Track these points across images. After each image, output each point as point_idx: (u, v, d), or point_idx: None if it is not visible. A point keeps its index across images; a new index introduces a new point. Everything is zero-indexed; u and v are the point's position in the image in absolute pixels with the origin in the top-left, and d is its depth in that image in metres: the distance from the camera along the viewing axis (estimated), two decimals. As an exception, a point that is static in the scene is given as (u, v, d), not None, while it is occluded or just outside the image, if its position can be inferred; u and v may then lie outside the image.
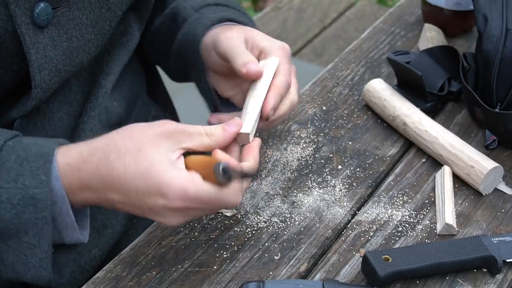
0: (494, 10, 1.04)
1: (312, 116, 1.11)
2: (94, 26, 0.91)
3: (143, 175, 0.74)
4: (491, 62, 1.01)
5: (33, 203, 0.74)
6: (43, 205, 0.74)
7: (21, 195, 0.74)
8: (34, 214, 0.74)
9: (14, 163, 0.75)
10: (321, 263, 0.86)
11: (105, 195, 0.77)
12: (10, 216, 0.74)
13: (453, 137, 1.00)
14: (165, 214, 0.76)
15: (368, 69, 1.22)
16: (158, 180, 0.74)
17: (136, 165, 0.75)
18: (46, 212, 0.75)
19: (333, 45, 2.64)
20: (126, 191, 0.75)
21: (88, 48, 0.92)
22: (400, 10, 1.39)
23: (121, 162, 0.75)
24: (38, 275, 0.77)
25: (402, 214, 0.93)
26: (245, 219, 0.92)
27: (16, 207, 0.74)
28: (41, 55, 0.83)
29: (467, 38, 1.29)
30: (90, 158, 0.77)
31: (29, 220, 0.74)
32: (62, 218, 0.78)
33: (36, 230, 0.75)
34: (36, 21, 0.82)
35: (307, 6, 2.86)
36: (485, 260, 0.84)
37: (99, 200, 0.78)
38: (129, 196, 0.76)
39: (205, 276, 0.84)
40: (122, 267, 0.85)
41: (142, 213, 0.78)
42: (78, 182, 0.77)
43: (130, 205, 0.77)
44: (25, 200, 0.74)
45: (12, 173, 0.75)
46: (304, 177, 0.99)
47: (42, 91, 0.86)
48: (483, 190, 0.96)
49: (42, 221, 0.75)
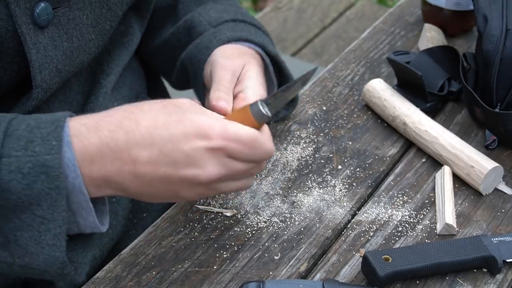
0: (494, 10, 1.04)
1: (312, 116, 1.11)
2: (94, 26, 0.91)
3: (178, 121, 0.72)
4: (491, 62, 1.01)
5: (45, 171, 0.70)
6: (56, 173, 0.70)
7: (32, 163, 0.70)
8: (47, 184, 0.70)
9: (24, 131, 0.71)
10: (321, 263, 0.86)
11: (128, 155, 0.71)
12: (21, 187, 0.70)
13: (453, 137, 1.00)
14: (205, 160, 0.72)
15: (368, 69, 1.22)
16: (197, 123, 0.72)
17: (167, 115, 0.72)
18: (59, 181, 0.70)
19: (333, 45, 2.64)
20: (159, 140, 0.71)
21: (89, 48, 0.92)
22: (400, 10, 1.39)
23: (148, 115, 0.72)
24: (52, 256, 0.72)
25: (402, 214, 0.93)
26: (245, 219, 0.92)
27: (27, 177, 0.70)
28: (42, 55, 0.83)
29: (467, 38, 1.29)
30: (109, 116, 0.73)
31: (42, 191, 0.70)
32: (74, 196, 0.73)
33: (50, 202, 0.70)
34: (37, 21, 0.82)
35: (307, 6, 2.86)
36: (485, 260, 0.84)
37: (117, 167, 0.72)
38: (161, 147, 0.71)
39: (205, 276, 0.84)
40: (122, 267, 0.85)
41: (174, 170, 0.72)
42: (95, 142, 0.71)
43: (161, 159, 0.71)
44: (36, 169, 0.70)
45: (22, 141, 0.71)
46: (304, 177, 0.99)
47: (43, 91, 0.86)
48: (483, 190, 0.96)
49: (55, 191, 0.70)
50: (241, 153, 0.74)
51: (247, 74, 0.93)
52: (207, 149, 0.72)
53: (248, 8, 3.39)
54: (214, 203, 0.94)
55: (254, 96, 0.89)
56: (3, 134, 0.71)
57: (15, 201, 0.71)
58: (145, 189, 0.74)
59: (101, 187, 0.74)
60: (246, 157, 0.75)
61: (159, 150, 0.71)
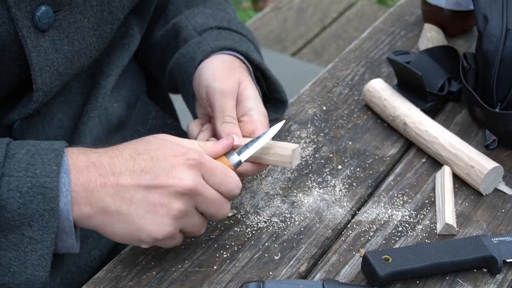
0: (494, 10, 1.04)
1: (312, 116, 1.11)
2: (95, 29, 0.90)
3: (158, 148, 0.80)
4: (491, 62, 1.01)
5: (43, 192, 0.73)
6: (52, 195, 0.73)
7: (31, 183, 0.73)
8: (42, 205, 0.73)
9: (25, 155, 0.74)
10: (321, 263, 0.86)
11: (112, 171, 0.77)
12: (17, 206, 0.73)
13: (453, 137, 1.00)
14: (183, 172, 0.78)
15: (368, 69, 1.22)
16: (176, 148, 0.81)
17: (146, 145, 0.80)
18: (54, 204, 0.73)
19: (333, 45, 2.64)
20: (140, 161, 0.78)
21: (90, 52, 0.91)
22: (400, 10, 1.39)
23: (129, 146, 0.80)
24: (34, 275, 0.75)
25: (402, 214, 0.93)
26: (245, 219, 0.92)
27: (24, 196, 0.73)
28: (43, 59, 0.83)
29: (467, 38, 1.29)
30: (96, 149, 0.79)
31: (36, 212, 0.73)
32: (61, 221, 0.76)
33: (41, 223, 0.74)
34: (37, 25, 0.82)
35: (307, 6, 2.86)
36: (485, 260, 0.84)
37: (101, 182, 0.76)
38: (143, 167, 0.78)
39: (205, 276, 0.84)
40: (122, 267, 0.85)
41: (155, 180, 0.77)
42: (82, 160, 0.77)
43: (143, 175, 0.77)
44: (34, 189, 0.73)
45: (22, 163, 0.74)
46: (304, 177, 0.99)
47: (44, 94, 0.86)
48: (483, 190, 0.96)
49: (49, 212, 0.73)
50: (213, 176, 0.80)
51: (245, 94, 0.95)
52: (185, 164, 0.79)
53: (248, 8, 3.39)
54: (214, 203, 0.94)
55: (259, 117, 0.94)
56: (4, 156, 0.74)
57: (7, 219, 0.73)
58: (123, 208, 0.77)
59: (81, 204, 0.76)
60: (217, 182, 0.81)
61: (141, 169, 0.78)
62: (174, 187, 0.77)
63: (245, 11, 3.39)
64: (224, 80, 0.95)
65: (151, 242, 0.79)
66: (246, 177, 0.98)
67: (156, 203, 0.77)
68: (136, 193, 0.77)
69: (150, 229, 0.77)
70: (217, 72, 0.96)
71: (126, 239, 0.79)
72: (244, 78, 0.97)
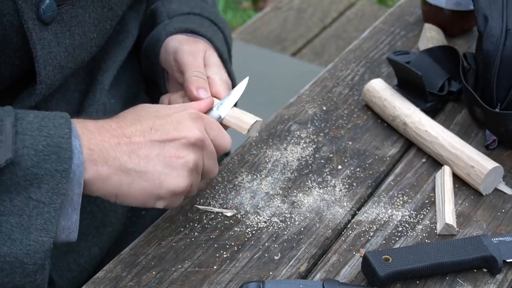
0: (494, 10, 1.04)
1: (312, 116, 1.11)
2: (96, 25, 0.91)
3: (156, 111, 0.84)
4: (491, 62, 1.01)
5: (57, 151, 0.72)
6: (67, 156, 0.72)
7: (46, 142, 0.72)
8: (55, 165, 0.72)
9: (35, 118, 0.74)
10: (321, 263, 0.86)
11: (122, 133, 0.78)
12: (31, 164, 0.71)
13: (453, 137, 1.00)
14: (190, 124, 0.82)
15: (368, 69, 1.22)
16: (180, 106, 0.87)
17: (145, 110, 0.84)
18: (68, 165, 0.72)
19: (333, 45, 2.64)
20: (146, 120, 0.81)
21: (90, 47, 0.92)
22: (400, 10, 1.39)
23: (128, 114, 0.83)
24: (37, 242, 0.71)
25: (402, 214, 0.93)
26: (245, 219, 0.92)
27: (39, 154, 0.71)
28: (46, 51, 0.84)
29: (467, 38, 1.29)
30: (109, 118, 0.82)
31: (48, 172, 0.71)
32: (73, 183, 0.74)
33: (52, 184, 0.72)
34: (42, 17, 0.83)
35: (307, 6, 2.87)
36: (485, 260, 0.84)
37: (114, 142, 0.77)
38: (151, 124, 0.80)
39: (205, 276, 0.84)
40: (122, 267, 0.85)
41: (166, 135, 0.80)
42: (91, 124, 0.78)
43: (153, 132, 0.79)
44: (49, 148, 0.72)
45: (34, 125, 0.73)
46: (304, 177, 0.99)
47: (46, 86, 0.86)
48: (483, 190, 0.96)
49: (61, 174, 0.72)
50: (212, 129, 0.85)
51: (209, 60, 0.98)
52: (190, 118, 0.82)
53: (248, 8, 3.39)
54: (214, 203, 0.94)
55: (222, 82, 0.96)
56: (14, 117, 0.73)
57: (18, 179, 0.71)
58: (142, 166, 0.78)
59: (98, 163, 0.76)
60: (214, 136, 0.85)
61: (149, 126, 0.80)
62: (186, 138, 0.80)
63: (245, 11, 3.39)
64: (191, 44, 0.99)
65: (168, 199, 0.80)
66: (246, 177, 0.98)
67: (172, 156, 0.79)
68: (151, 150, 0.78)
69: (170, 183, 0.79)
70: (183, 39, 1.00)
71: (142, 199, 0.79)
72: (209, 48, 1.00)
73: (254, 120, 0.92)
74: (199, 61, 0.97)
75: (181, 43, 0.99)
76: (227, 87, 0.97)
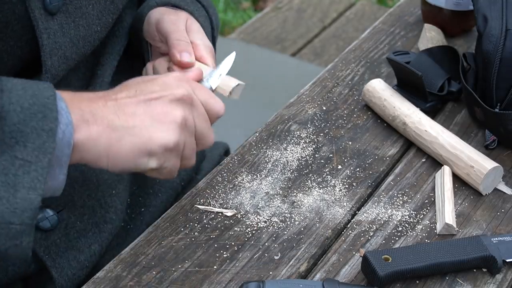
0: (494, 10, 1.04)
1: (312, 116, 1.11)
2: (100, 18, 0.92)
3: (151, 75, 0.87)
4: (491, 62, 1.01)
5: (43, 111, 0.71)
6: (53, 115, 0.71)
7: (32, 101, 0.71)
8: (42, 123, 0.71)
9: (18, 81, 0.73)
10: (321, 263, 0.87)
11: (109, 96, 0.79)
12: (17, 120, 0.70)
13: (453, 137, 1.01)
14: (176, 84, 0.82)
15: (368, 69, 1.22)
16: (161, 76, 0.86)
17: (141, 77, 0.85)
18: (54, 125, 0.71)
19: (333, 45, 2.64)
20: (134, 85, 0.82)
21: (93, 40, 0.93)
22: (400, 10, 1.39)
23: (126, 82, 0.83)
24: (25, 199, 0.69)
25: (402, 214, 0.93)
26: (245, 219, 0.92)
27: (25, 112, 0.70)
28: (52, 41, 0.85)
29: (467, 38, 1.29)
30: None
31: (34, 130, 0.70)
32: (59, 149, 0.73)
33: (37, 143, 0.70)
34: (48, 7, 0.83)
35: (307, 6, 2.87)
36: (485, 260, 0.84)
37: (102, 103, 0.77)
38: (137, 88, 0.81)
39: (205, 276, 0.84)
40: (122, 267, 0.85)
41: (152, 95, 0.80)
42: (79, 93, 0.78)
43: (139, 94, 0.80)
44: (35, 107, 0.71)
45: (18, 86, 0.72)
46: (304, 177, 0.99)
47: (52, 76, 0.87)
48: (483, 190, 0.96)
49: (47, 133, 0.71)
50: (200, 93, 0.84)
51: (192, 27, 0.98)
52: (175, 78, 0.83)
53: (248, 8, 3.39)
54: (214, 203, 0.94)
55: (205, 47, 0.96)
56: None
57: (4, 135, 0.70)
58: (129, 122, 0.78)
59: (88, 122, 0.76)
60: (205, 99, 0.84)
61: (135, 90, 0.81)
62: (171, 94, 0.81)
63: (245, 11, 3.39)
64: (172, 14, 0.99)
65: (160, 156, 0.79)
66: (246, 177, 0.98)
67: (159, 112, 0.79)
68: (137, 107, 0.79)
69: (160, 136, 0.78)
70: (164, 11, 1.00)
71: (134, 158, 0.78)
72: (190, 17, 1.00)
73: (236, 83, 0.91)
74: (181, 27, 0.97)
75: (163, 14, 0.99)
76: (210, 52, 0.96)
